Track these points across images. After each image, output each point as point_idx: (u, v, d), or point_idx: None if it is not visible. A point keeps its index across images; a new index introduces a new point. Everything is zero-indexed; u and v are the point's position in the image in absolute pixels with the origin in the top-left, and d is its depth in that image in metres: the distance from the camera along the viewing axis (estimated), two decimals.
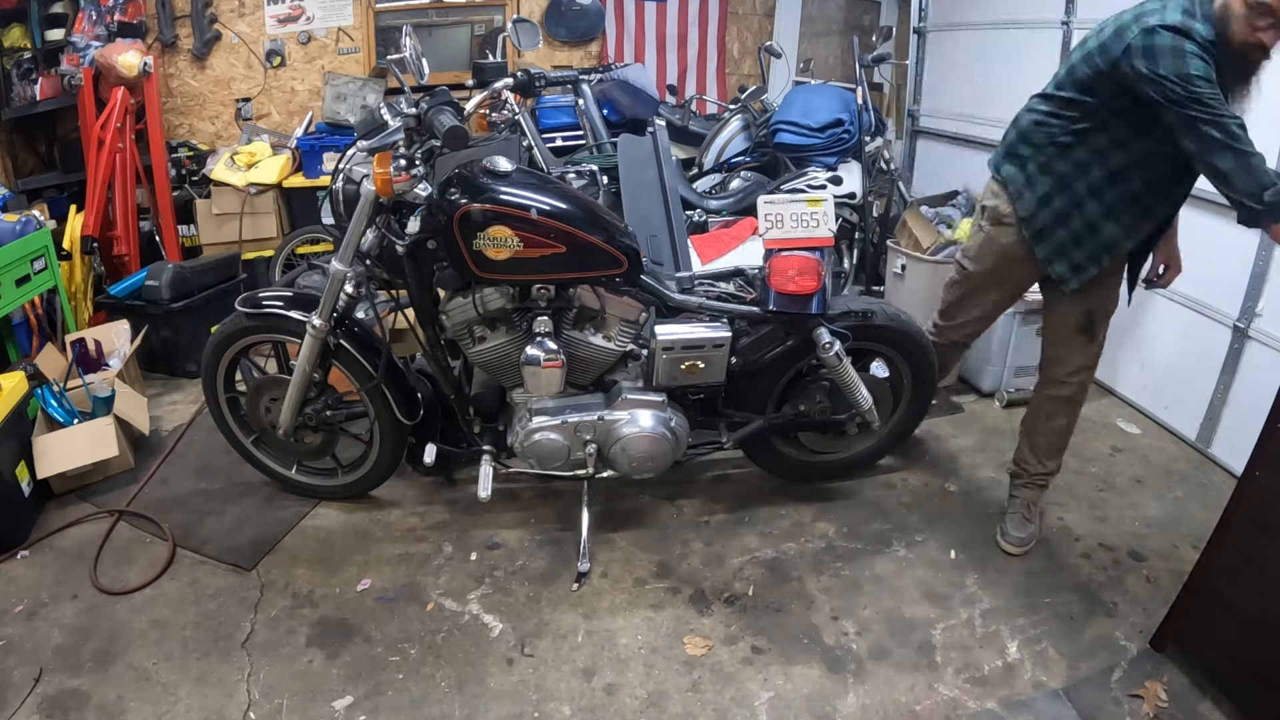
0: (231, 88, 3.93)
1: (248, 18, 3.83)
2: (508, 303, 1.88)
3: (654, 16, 4.28)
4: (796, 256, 1.89)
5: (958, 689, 1.68)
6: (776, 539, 2.13)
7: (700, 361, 1.96)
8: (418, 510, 2.25)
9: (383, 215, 1.84)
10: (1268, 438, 1.47)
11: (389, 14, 3.92)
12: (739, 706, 1.64)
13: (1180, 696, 1.63)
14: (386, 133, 1.90)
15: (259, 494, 2.31)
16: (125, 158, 3.28)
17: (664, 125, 3.07)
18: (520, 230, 1.74)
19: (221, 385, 2.19)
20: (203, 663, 1.73)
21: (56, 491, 2.30)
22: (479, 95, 2.28)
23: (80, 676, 1.70)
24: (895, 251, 2.95)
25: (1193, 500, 2.28)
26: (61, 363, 2.61)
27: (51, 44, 3.47)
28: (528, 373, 1.90)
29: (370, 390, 2.04)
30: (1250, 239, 2.27)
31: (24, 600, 1.91)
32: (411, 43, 1.85)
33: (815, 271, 1.89)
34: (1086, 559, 2.05)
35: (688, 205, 3.02)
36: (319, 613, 1.88)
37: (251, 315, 2.04)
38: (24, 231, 2.70)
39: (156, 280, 2.96)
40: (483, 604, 1.91)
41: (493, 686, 1.68)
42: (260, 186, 3.54)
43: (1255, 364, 2.31)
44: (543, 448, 1.96)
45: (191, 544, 2.11)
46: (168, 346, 3.04)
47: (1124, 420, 2.72)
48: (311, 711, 1.62)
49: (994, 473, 2.42)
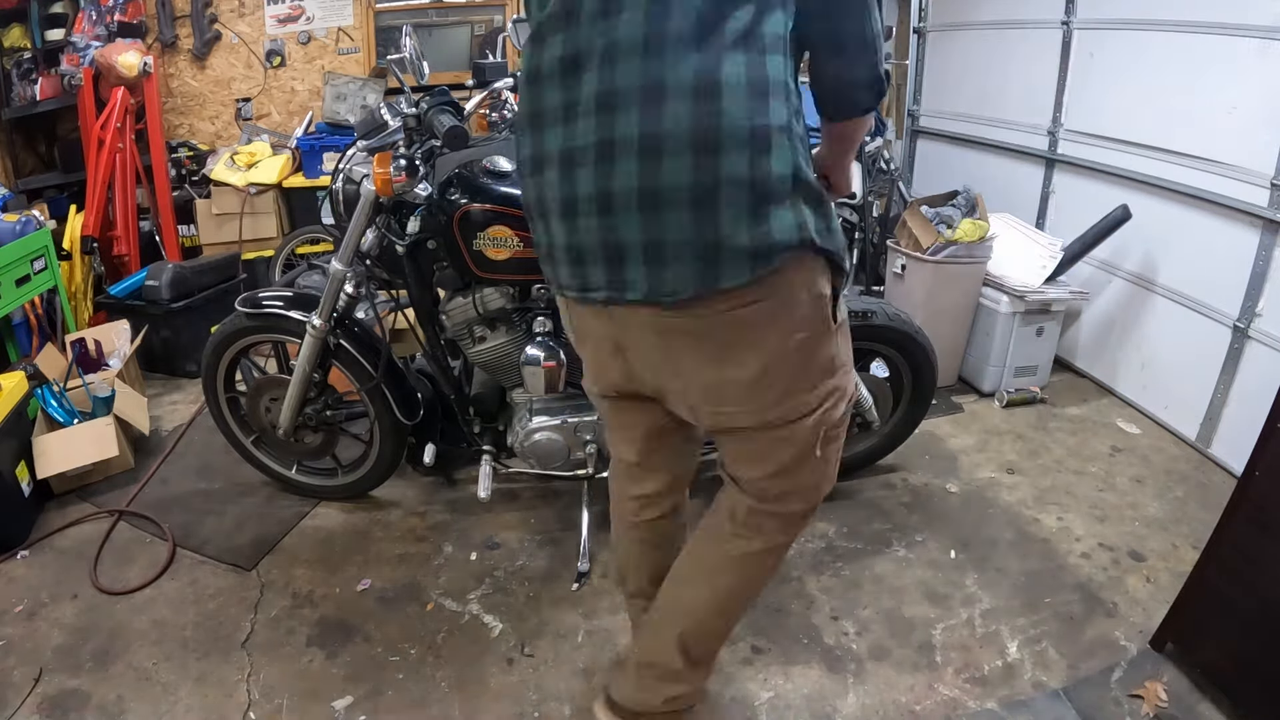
0: (231, 88, 3.93)
1: (248, 18, 3.83)
2: (508, 303, 1.88)
3: None
4: None
5: (958, 689, 1.68)
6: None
7: None
8: (418, 510, 2.25)
9: (383, 215, 1.84)
10: (1268, 438, 1.47)
11: (389, 14, 3.92)
12: (739, 706, 1.64)
13: (1180, 696, 1.63)
14: (386, 133, 1.90)
15: (259, 494, 2.31)
16: (125, 158, 3.28)
17: None
18: (520, 230, 1.74)
19: (221, 385, 2.19)
20: (203, 663, 1.73)
21: (56, 491, 2.30)
22: (479, 95, 2.28)
23: (80, 676, 1.70)
24: (895, 251, 2.96)
25: (1193, 500, 2.28)
26: (61, 363, 2.61)
27: (51, 44, 3.48)
28: (528, 373, 1.90)
29: (370, 390, 2.04)
30: (1250, 239, 2.27)
31: (24, 600, 1.91)
32: (411, 43, 1.85)
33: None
34: (1086, 559, 2.05)
35: None
36: (319, 613, 1.88)
37: (251, 315, 2.04)
38: (24, 231, 2.70)
39: (156, 280, 2.96)
40: (483, 604, 1.91)
41: (493, 686, 1.68)
42: (260, 186, 3.54)
43: (1255, 364, 2.31)
44: (543, 448, 1.96)
45: (191, 544, 2.11)
46: (168, 346, 3.04)
47: (1124, 420, 2.72)
48: (311, 711, 1.62)
49: (994, 473, 2.42)
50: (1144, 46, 2.62)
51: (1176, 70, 2.49)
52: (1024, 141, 3.26)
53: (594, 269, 1.02)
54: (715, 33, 0.92)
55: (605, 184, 0.97)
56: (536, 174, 1.08)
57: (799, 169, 0.99)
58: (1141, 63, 2.63)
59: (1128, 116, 2.71)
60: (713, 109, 0.92)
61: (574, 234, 1.03)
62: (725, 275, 0.96)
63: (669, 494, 1.41)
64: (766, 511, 1.23)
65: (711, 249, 0.95)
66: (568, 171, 1.01)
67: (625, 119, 0.95)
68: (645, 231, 0.96)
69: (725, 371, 1.05)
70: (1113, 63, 2.77)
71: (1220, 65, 2.33)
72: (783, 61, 0.98)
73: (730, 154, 0.93)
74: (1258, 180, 2.23)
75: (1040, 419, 2.75)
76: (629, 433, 1.32)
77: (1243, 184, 2.28)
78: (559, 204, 1.03)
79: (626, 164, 0.95)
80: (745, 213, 0.95)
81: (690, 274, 0.96)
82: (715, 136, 0.93)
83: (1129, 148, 2.71)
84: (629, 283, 0.99)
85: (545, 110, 1.04)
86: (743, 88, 0.93)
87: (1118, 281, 2.83)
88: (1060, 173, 3.12)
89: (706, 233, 0.95)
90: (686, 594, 1.33)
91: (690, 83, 0.92)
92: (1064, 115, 3.04)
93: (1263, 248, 2.25)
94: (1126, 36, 2.70)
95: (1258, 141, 2.22)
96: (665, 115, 0.93)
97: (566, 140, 1.01)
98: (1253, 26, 2.21)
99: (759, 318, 1.01)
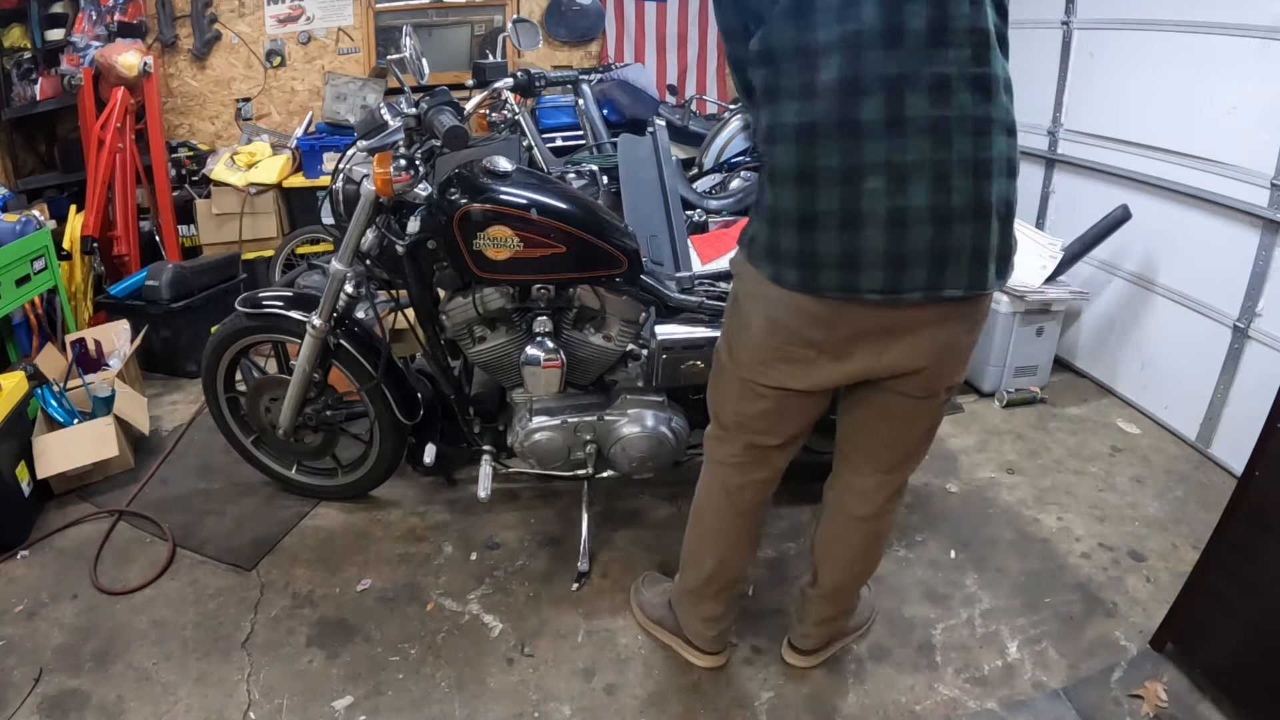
0: (231, 88, 3.93)
1: (248, 18, 3.83)
2: (508, 303, 1.88)
3: (654, 16, 4.28)
4: None
5: (958, 689, 1.68)
6: (776, 539, 2.13)
7: (700, 361, 1.96)
8: (418, 510, 2.25)
9: (383, 215, 1.84)
10: (1267, 438, 1.47)
11: (389, 14, 3.92)
12: (739, 706, 1.64)
13: (1180, 696, 1.63)
14: (386, 133, 1.90)
15: (259, 494, 2.31)
16: (125, 158, 3.28)
17: (664, 125, 3.07)
18: (520, 230, 1.74)
19: (221, 385, 2.19)
20: (203, 663, 1.73)
21: (56, 491, 2.30)
22: (479, 95, 2.28)
23: (80, 676, 1.70)
24: None
25: (1193, 500, 2.28)
26: (61, 363, 2.61)
27: (51, 44, 3.47)
28: (528, 373, 1.90)
29: (370, 390, 2.04)
30: (1250, 239, 2.27)
31: (24, 600, 1.91)
32: (411, 43, 1.85)
33: None
34: (1086, 559, 2.05)
35: (688, 205, 3.02)
36: (319, 613, 1.88)
37: (251, 315, 2.04)
38: (24, 231, 2.70)
39: (156, 280, 2.96)
40: (483, 604, 1.91)
41: (493, 686, 1.68)
42: (260, 186, 3.54)
43: (1255, 364, 2.31)
44: (543, 448, 1.96)
45: (191, 544, 2.11)
46: (168, 346, 3.04)
47: (1124, 420, 2.72)
48: (311, 711, 1.62)
49: (994, 473, 2.42)
50: (1144, 46, 2.62)
51: (1176, 70, 2.49)
52: (1024, 141, 3.18)
53: (916, 270, 1.14)
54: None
55: (944, 198, 1.11)
56: (846, 184, 1.13)
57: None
58: (1142, 63, 2.63)
59: (1128, 116, 2.71)
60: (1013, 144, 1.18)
61: (903, 240, 1.13)
62: (1000, 275, 1.20)
63: (779, 476, 1.55)
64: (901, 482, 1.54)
65: (1000, 255, 1.18)
66: (899, 184, 1.10)
67: (960, 144, 1.10)
68: (974, 237, 1.14)
69: (968, 340, 1.28)
70: (1113, 63, 2.77)
71: (1220, 65, 2.33)
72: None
73: (1014, 180, 1.19)
74: (1258, 180, 2.23)
75: (1040, 419, 2.75)
76: (799, 418, 1.41)
77: (1243, 184, 2.28)
78: (887, 213, 1.12)
79: (962, 181, 1.11)
80: (1010, 230, 1.21)
81: (984, 274, 1.17)
82: (1012, 165, 1.17)
83: (1129, 147, 2.71)
84: (949, 280, 1.15)
85: (863, 122, 1.10)
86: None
87: (1118, 281, 2.83)
88: (1060, 172, 3.12)
89: (1004, 242, 1.19)
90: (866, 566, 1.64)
91: (1008, 123, 1.16)
92: (1064, 115, 3.03)
93: (1263, 248, 2.25)
94: (1126, 36, 2.70)
95: (1258, 141, 2.22)
96: (993, 144, 1.13)
97: (892, 153, 1.09)
98: (1253, 26, 2.21)
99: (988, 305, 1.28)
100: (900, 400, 1.34)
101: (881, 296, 1.15)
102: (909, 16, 1.06)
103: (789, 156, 1.14)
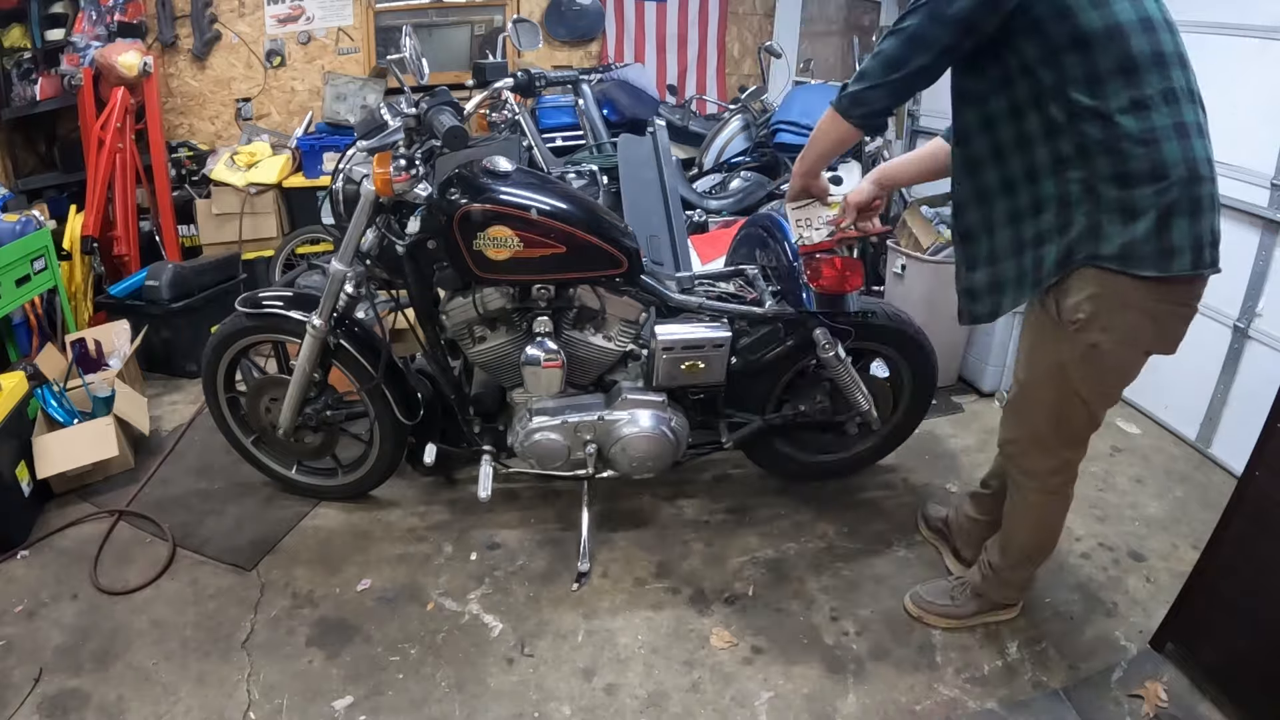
0: (231, 88, 3.93)
1: (248, 18, 3.83)
2: (508, 303, 1.88)
3: (654, 16, 4.28)
4: (838, 257, 1.88)
5: (958, 689, 1.68)
6: (776, 539, 2.13)
7: (700, 361, 1.96)
8: (418, 510, 2.25)
9: (383, 215, 1.84)
10: (1268, 438, 1.47)
11: (389, 14, 3.91)
12: (739, 706, 1.64)
13: (1180, 696, 1.63)
14: (386, 133, 1.90)
15: (259, 494, 2.31)
16: (125, 158, 3.28)
17: (664, 125, 3.07)
18: (520, 230, 1.74)
19: (221, 385, 2.19)
20: (203, 663, 1.73)
21: (56, 491, 2.30)
22: (479, 95, 2.28)
23: (80, 676, 1.70)
24: (895, 251, 2.95)
25: (1193, 500, 2.28)
26: (61, 363, 2.61)
27: (51, 44, 3.47)
28: (528, 373, 1.90)
29: (370, 390, 2.04)
30: (1250, 239, 2.27)
31: (24, 600, 1.91)
32: (411, 43, 1.85)
33: (860, 269, 1.89)
34: (1086, 559, 2.05)
35: (688, 205, 3.02)
36: (319, 613, 1.88)
37: (251, 315, 2.04)
38: (24, 231, 2.70)
39: (156, 280, 2.96)
40: (483, 604, 1.91)
41: (493, 686, 1.68)
42: (260, 186, 3.54)
43: (1255, 364, 2.31)
44: (543, 448, 1.96)
45: (191, 544, 2.11)
46: (168, 346, 3.04)
47: (1124, 420, 2.72)
48: (311, 711, 1.62)
49: None
50: None
51: None
52: None
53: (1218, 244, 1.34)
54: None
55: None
56: (1185, 138, 1.30)
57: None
58: None
59: None
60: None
61: (1213, 211, 1.33)
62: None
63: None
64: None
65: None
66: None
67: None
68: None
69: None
70: None
71: (1220, 65, 2.32)
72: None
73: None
74: (1258, 180, 2.23)
75: None
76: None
77: (1243, 184, 2.27)
78: (1210, 183, 1.33)
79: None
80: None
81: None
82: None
83: None
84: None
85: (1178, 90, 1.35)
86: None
87: None
88: None
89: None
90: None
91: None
92: None
93: (1263, 248, 2.25)
94: None
95: (1258, 141, 2.22)
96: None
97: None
98: (1253, 26, 2.21)
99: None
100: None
101: (1211, 269, 1.38)
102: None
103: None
